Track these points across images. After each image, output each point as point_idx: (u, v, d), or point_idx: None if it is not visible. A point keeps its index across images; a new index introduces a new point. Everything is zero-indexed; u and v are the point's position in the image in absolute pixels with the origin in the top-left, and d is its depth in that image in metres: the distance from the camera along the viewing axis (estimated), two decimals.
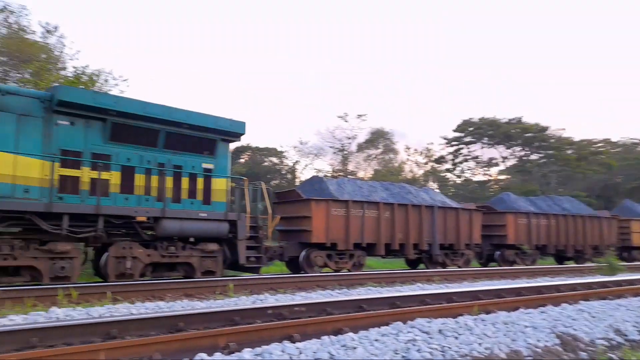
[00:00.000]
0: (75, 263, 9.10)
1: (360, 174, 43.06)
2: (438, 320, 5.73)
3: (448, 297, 8.05)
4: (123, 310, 6.74)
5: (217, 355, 4.25)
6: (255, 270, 11.71)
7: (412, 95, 78.17)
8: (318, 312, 6.33)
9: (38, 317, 6.06)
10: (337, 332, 5.29)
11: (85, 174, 9.36)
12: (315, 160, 43.00)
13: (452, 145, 44.58)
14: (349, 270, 13.44)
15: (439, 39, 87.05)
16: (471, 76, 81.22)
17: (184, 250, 10.50)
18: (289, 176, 40.80)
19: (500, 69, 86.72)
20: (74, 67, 19.76)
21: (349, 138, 42.78)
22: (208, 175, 11.11)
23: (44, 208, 8.51)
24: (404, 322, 5.59)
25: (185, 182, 10.75)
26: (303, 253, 12.89)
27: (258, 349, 4.40)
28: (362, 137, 43.56)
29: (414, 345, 4.78)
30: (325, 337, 4.86)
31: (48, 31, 19.85)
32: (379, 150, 45.21)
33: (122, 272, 9.57)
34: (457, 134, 44.10)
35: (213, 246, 10.82)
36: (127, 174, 9.92)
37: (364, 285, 10.90)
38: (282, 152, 42.56)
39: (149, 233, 10.10)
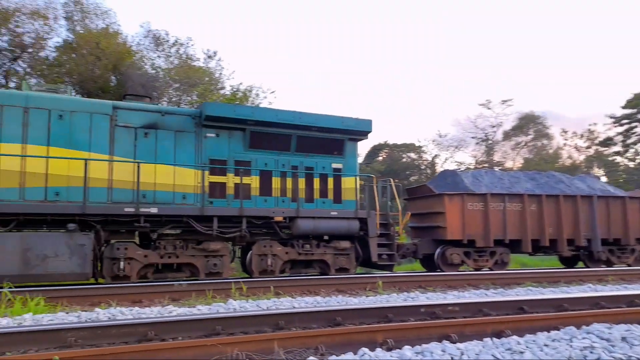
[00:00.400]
0: (225, 260, 10.23)
1: (508, 164, 39.87)
2: (620, 327, 5.05)
3: (629, 300, 6.99)
4: (286, 303, 7.25)
5: (378, 351, 4.34)
6: (389, 267, 11.73)
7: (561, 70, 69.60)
8: (474, 313, 6.15)
9: (219, 308, 6.86)
10: (498, 334, 5.04)
11: (230, 180, 10.44)
12: (456, 153, 41.11)
13: (622, 125, 38.39)
14: (491, 269, 12.58)
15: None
16: None
17: (318, 248, 11.02)
18: (428, 171, 39.73)
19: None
20: (231, 86, 22.16)
21: (494, 126, 39.99)
22: (337, 174, 11.47)
23: (198, 212, 9.75)
24: (578, 327, 5.05)
25: (316, 182, 11.27)
26: (438, 250, 12.46)
27: (418, 347, 4.39)
28: (508, 124, 40.34)
29: (591, 353, 4.29)
30: (486, 339, 4.67)
31: (209, 57, 22.41)
32: (530, 137, 41.27)
33: (265, 268, 10.45)
34: (628, 111, 37.82)
35: (345, 244, 11.14)
36: (265, 177, 10.79)
37: (522, 285, 10.18)
38: (420, 147, 41.67)
39: (287, 232, 10.83)
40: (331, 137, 11.43)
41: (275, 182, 10.86)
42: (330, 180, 11.43)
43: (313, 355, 4.33)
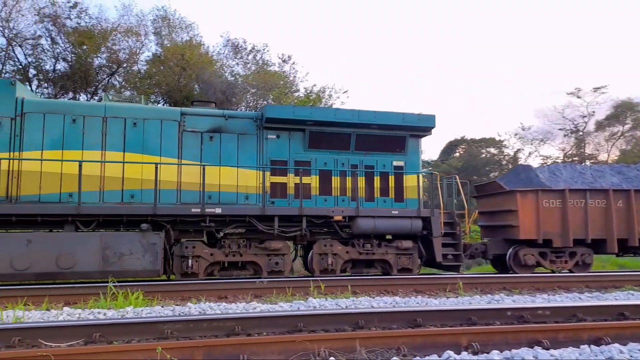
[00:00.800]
0: (287, 259, 10.44)
1: (602, 157, 36.47)
2: None
3: None
4: (365, 303, 7.29)
5: (464, 354, 4.30)
6: (455, 268, 11.27)
7: None
8: (567, 318, 5.83)
9: (300, 305, 7.09)
10: (596, 341, 4.78)
11: (291, 180, 10.63)
12: (541, 146, 38.37)
13: None
14: (571, 271, 11.59)
15: None
16: None
17: (380, 247, 10.86)
18: (510, 166, 37.50)
19: None
20: (305, 88, 22.71)
21: (584, 116, 36.78)
22: (399, 172, 11.23)
23: (259, 211, 10.05)
24: None
25: (377, 181, 11.12)
26: (510, 251, 11.72)
27: (507, 352, 4.30)
28: (601, 113, 36.87)
29: None
30: (583, 346, 4.44)
31: (283, 61, 23.17)
32: (627, 127, 37.40)
33: (325, 267, 10.51)
34: None
35: (407, 243, 10.88)
36: (325, 177, 10.85)
37: (622, 289, 9.40)
38: (501, 141, 39.49)
39: (347, 231, 10.80)
40: (392, 135, 11.21)
41: (335, 181, 10.88)
42: (392, 179, 11.22)
43: (395, 356, 4.35)
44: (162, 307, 7.01)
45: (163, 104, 19.73)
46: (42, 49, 20.03)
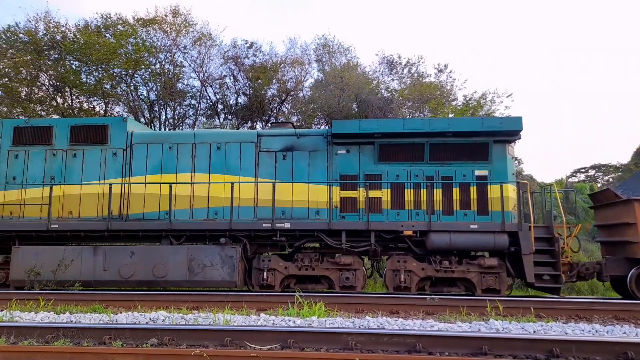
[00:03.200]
0: (358, 274, 10.31)
1: None
2: None
3: None
4: (556, 328, 6.62)
5: None
6: (554, 291, 9.77)
7: None
8: None
9: (480, 327, 6.72)
10: None
11: (361, 194, 10.52)
12: None
13: None
14: None
15: None
16: None
17: (460, 264, 10.02)
18: None
19: None
20: (464, 96, 21.99)
21: None
22: (481, 182, 10.24)
23: (326, 226, 10.18)
24: None
25: (456, 192, 10.31)
26: (632, 272, 9.68)
27: None
28: None
29: None
30: None
31: (439, 70, 22.69)
32: None
33: (398, 284, 10.08)
34: None
35: (491, 261, 9.84)
36: (397, 190, 10.47)
37: None
38: None
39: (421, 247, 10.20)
40: (471, 142, 10.32)
41: (408, 194, 10.42)
42: (473, 189, 10.29)
43: None
44: (342, 318, 7.24)
45: (325, 126, 21.18)
46: (226, 86, 23.36)
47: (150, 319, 7.23)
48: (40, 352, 4.87)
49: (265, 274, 10.38)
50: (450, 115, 20.41)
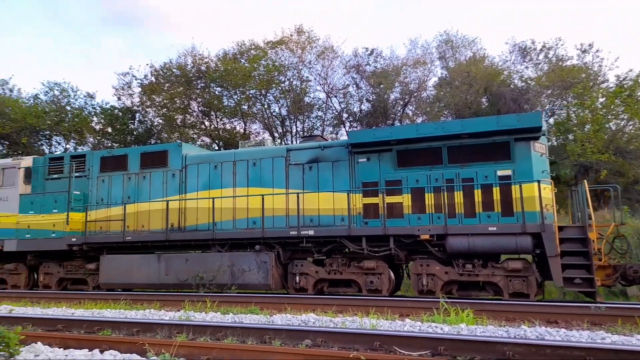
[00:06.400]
0: (383, 278, 10.58)
1: None
2: None
3: None
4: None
5: None
6: (590, 295, 9.02)
7: None
8: None
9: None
10: None
11: (382, 200, 10.79)
12: None
13: None
14: None
15: None
16: None
17: (485, 268, 9.74)
18: None
19: None
20: (616, 76, 19.73)
21: None
22: (504, 183, 9.83)
23: (346, 232, 10.66)
24: None
25: (477, 194, 10.04)
26: None
27: None
28: None
29: None
30: None
31: (583, 51, 20.93)
32: None
33: (421, 289, 10.14)
34: None
35: (515, 264, 9.43)
36: (417, 194, 10.53)
37: None
38: None
39: (441, 250, 10.11)
40: (490, 142, 9.99)
41: (429, 198, 10.42)
42: (496, 190, 9.92)
43: None
44: (493, 327, 6.88)
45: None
46: (350, 95, 24.61)
47: (302, 321, 7.59)
48: (216, 348, 5.45)
49: (297, 277, 11.21)
50: (601, 100, 18.64)
